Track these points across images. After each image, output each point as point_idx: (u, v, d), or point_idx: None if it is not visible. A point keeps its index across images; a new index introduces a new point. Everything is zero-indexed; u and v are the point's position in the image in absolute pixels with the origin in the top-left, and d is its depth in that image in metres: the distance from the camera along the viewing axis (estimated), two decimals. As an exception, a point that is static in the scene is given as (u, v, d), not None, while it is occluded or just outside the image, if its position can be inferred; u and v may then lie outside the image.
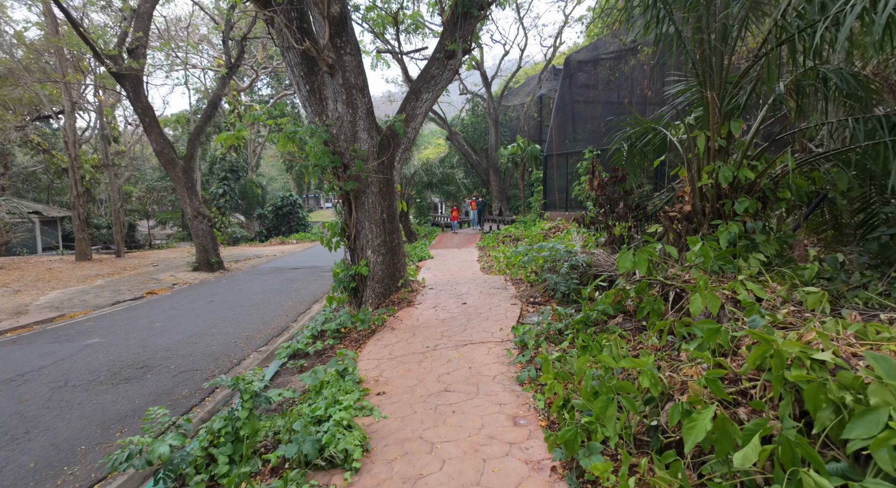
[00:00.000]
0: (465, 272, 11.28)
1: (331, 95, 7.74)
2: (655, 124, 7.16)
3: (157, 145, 15.67)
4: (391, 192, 8.31)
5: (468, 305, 7.36)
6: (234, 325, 8.73)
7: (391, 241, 8.27)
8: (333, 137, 7.87)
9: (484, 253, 15.14)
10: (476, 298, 7.76)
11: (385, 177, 8.17)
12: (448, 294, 8.40)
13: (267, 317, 9.34)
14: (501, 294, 7.83)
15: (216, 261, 16.57)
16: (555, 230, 13.69)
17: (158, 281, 14.97)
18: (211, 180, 28.58)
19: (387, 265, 8.21)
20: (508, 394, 4.23)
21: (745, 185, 5.04)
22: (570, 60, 21.02)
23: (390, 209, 8.28)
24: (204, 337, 7.98)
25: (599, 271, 6.77)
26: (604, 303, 4.99)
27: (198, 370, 6.35)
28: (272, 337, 8.02)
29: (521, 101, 29.25)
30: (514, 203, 28.58)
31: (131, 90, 14.88)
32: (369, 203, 8.09)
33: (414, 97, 8.30)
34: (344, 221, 8.29)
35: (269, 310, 10.06)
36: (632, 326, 4.98)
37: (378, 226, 8.14)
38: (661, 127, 7.10)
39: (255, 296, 11.63)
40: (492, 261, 12.67)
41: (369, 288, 8.16)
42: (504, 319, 6.39)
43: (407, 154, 8.46)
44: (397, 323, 7.01)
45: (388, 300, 8.19)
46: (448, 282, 9.78)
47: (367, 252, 8.18)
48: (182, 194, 16.31)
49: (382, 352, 5.81)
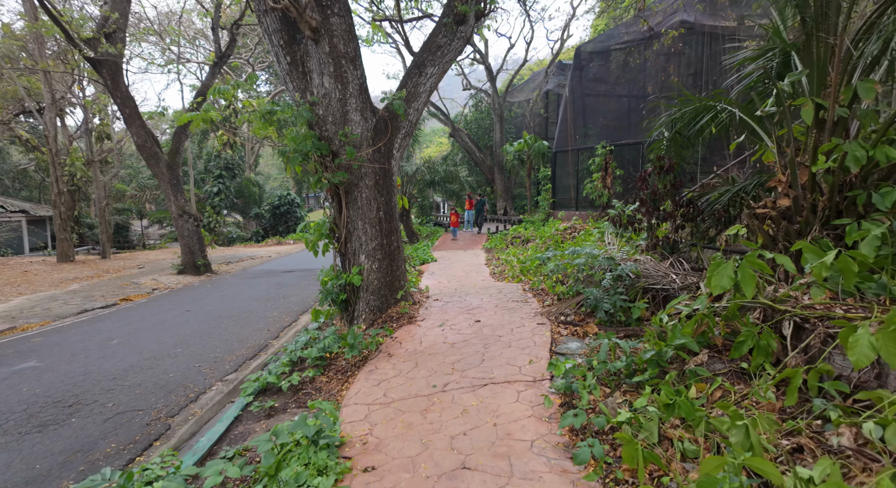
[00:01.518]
0: (474, 278, 9.78)
1: (316, 68, 6.25)
2: (713, 101, 5.67)
3: (139, 139, 14.19)
4: (389, 186, 6.82)
5: (483, 324, 5.86)
6: (205, 343, 7.25)
7: (389, 245, 6.79)
8: (319, 119, 6.38)
9: (492, 255, 13.64)
10: (492, 314, 6.27)
11: (382, 168, 6.69)
12: (457, 307, 6.91)
13: (245, 333, 7.85)
14: (522, 309, 6.33)
15: (203, 264, 15.09)
16: (571, 231, 12.20)
17: (138, 285, 13.50)
18: (206, 178, 27.11)
19: (384, 273, 6.73)
20: (560, 482, 2.74)
21: (882, 170, 3.54)
22: (581, 51, 19.53)
23: (388, 206, 6.80)
24: (164, 359, 6.51)
25: (650, 284, 5.28)
26: (683, 336, 3.49)
27: (141, 410, 4.86)
28: (246, 359, 6.54)
29: (526, 96, 27.73)
30: (520, 202, 27.06)
31: (109, 78, 13.40)
32: (363, 199, 6.60)
33: (416, 71, 6.80)
34: (333, 220, 6.80)
35: (249, 322, 8.58)
36: (725, 369, 3.48)
37: (373, 227, 6.65)
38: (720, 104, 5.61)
39: (238, 305, 10.15)
40: (502, 266, 11.17)
41: (363, 300, 6.67)
42: (531, 346, 4.89)
43: (408, 140, 6.97)
44: (395, 347, 5.52)
45: (385, 315, 6.70)
46: (455, 291, 8.28)
47: (360, 257, 6.69)
48: (166, 191, 14.84)
49: (375, 393, 4.32)
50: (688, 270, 5.57)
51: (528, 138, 22.05)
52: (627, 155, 18.72)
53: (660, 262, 5.80)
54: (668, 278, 5.33)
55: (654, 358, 3.49)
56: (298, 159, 5.76)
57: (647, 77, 18.46)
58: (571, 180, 21.09)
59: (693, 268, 5.68)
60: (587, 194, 17.84)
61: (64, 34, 12.29)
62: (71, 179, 26.62)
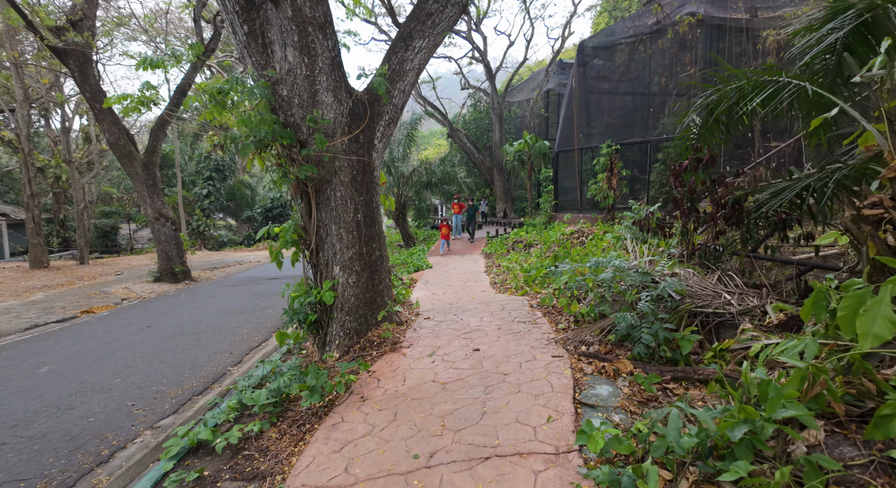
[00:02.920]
0: (473, 289, 8.52)
1: (277, 38, 5.01)
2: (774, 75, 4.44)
3: (111, 136, 12.95)
4: (369, 183, 5.57)
5: (483, 354, 4.60)
6: (152, 371, 5.98)
7: (370, 253, 5.53)
8: (283, 101, 5.14)
9: (492, 261, 12.38)
10: (494, 340, 5.00)
11: (360, 161, 5.44)
12: (451, 329, 5.64)
13: (203, 356, 6.59)
14: (531, 333, 5.06)
15: (181, 271, 13.81)
16: (578, 235, 10.95)
17: (107, 295, 12.22)
18: (197, 180, 25.84)
19: (363, 288, 5.47)
20: None
21: None
22: (584, 46, 18.33)
23: (368, 207, 5.54)
24: (94, 394, 5.24)
25: (699, 306, 4.03)
26: (788, 402, 2.24)
27: (24, 481, 3.59)
28: (194, 394, 5.27)
29: (526, 96, 26.54)
30: (520, 204, 25.83)
31: (77, 70, 12.15)
32: (337, 198, 5.35)
33: (402, 45, 5.56)
34: (301, 224, 5.55)
35: (213, 342, 7.31)
36: (858, 456, 2.22)
37: (350, 232, 5.40)
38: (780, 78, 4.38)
39: (207, 319, 8.88)
40: (504, 274, 9.92)
41: (336, 322, 5.40)
42: (548, 391, 3.64)
43: (392, 129, 5.72)
44: (372, 387, 4.26)
45: (364, 339, 5.44)
46: (451, 306, 7.02)
47: (333, 269, 5.43)
48: (142, 193, 13.58)
49: (334, 465, 3.06)
50: (741, 287, 4.32)
51: (529, 138, 20.85)
52: (632, 155, 17.53)
53: (704, 277, 4.55)
54: (720, 299, 4.08)
55: (746, 438, 2.23)
56: (251, 148, 4.50)
57: (654, 73, 17.29)
58: (575, 181, 19.87)
59: (746, 285, 4.43)
60: (592, 196, 16.62)
61: (22, 19, 11.04)
62: (56, 182, 25.38)
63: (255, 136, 4.47)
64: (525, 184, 24.60)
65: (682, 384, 3.49)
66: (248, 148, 4.46)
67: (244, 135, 4.52)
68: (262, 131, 4.43)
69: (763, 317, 3.77)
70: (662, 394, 3.43)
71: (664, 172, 16.73)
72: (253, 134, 4.44)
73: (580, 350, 4.33)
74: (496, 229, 19.41)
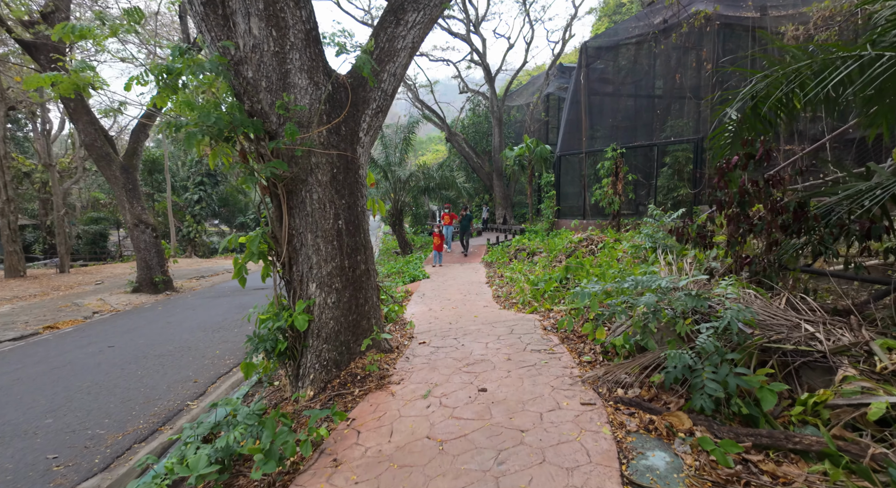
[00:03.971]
0: (474, 304, 7.54)
1: (240, 8, 4.06)
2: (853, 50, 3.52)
3: (87, 137, 11.96)
4: (353, 183, 4.60)
5: (492, 396, 3.61)
6: (95, 406, 4.96)
7: (353, 267, 4.55)
8: (248, 84, 4.18)
9: (493, 271, 11.41)
10: (503, 376, 4.01)
11: (342, 157, 4.48)
12: (451, 359, 4.64)
13: (162, 386, 5.58)
14: (549, 367, 4.07)
15: (162, 281, 12.78)
16: (587, 242, 9.99)
17: (78, 307, 11.19)
18: (188, 185, 24.83)
19: (344, 310, 4.48)
20: None
21: None
22: (587, 47, 17.50)
23: (352, 212, 4.57)
24: (12, 441, 4.21)
25: (771, 340, 3.06)
26: None
27: None
28: (136, 441, 4.25)
29: (525, 100, 25.70)
30: (520, 210, 24.91)
31: (48, 66, 11.18)
32: (313, 201, 4.38)
33: (393, 19, 4.61)
34: (272, 233, 4.57)
35: (178, 366, 6.30)
36: None
37: (329, 243, 4.42)
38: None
39: (179, 337, 7.86)
40: (508, 285, 8.94)
41: (312, 351, 4.41)
42: (584, 462, 2.65)
43: (381, 119, 4.76)
44: (349, 444, 3.26)
45: (346, 371, 4.44)
46: (450, 326, 6.03)
47: (308, 287, 4.45)
48: (120, 198, 12.58)
49: None
50: (820, 314, 3.35)
51: (530, 142, 19.98)
52: (635, 160, 16.65)
53: (769, 300, 3.58)
54: (800, 331, 3.11)
55: None
56: (197, 138, 3.52)
57: (659, 74, 16.46)
58: (577, 186, 18.96)
59: (825, 309, 3.46)
60: (596, 201, 15.71)
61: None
62: (43, 187, 24.34)
63: (204, 123, 3.49)
64: (525, 190, 23.69)
65: (770, 454, 2.52)
66: (194, 137, 3.48)
67: (192, 122, 3.55)
68: (211, 116, 3.46)
69: (868, 358, 2.80)
70: (744, 469, 2.45)
71: (672, 177, 15.86)
72: (202, 120, 3.47)
73: (615, 394, 3.35)
74: (497, 236, 18.46)
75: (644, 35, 16.27)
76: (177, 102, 3.49)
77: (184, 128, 3.48)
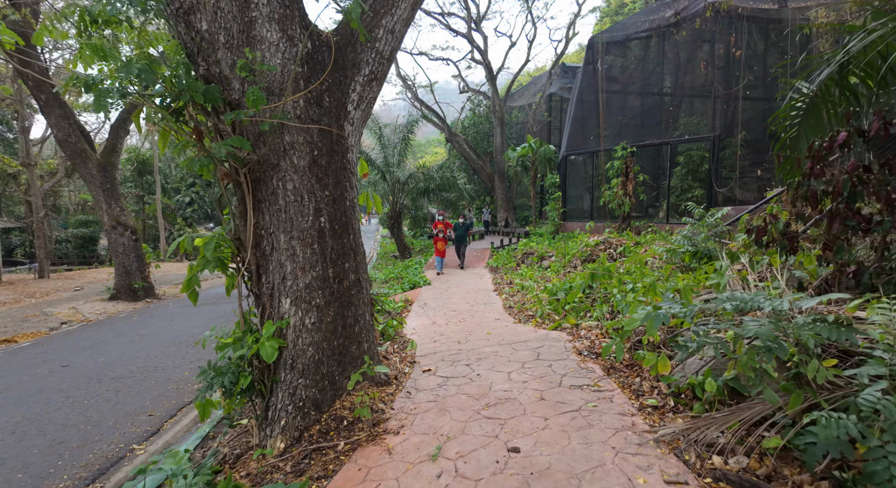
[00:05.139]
0: (484, 316, 6.47)
1: (190, -65, 3.02)
2: None
3: (60, 132, 10.88)
4: (340, 169, 3.54)
5: (529, 462, 2.54)
6: (11, 453, 3.86)
7: (339, 278, 3.49)
8: (203, 40, 3.14)
9: (500, 277, 10.35)
10: (539, 427, 2.94)
11: (325, 134, 3.42)
12: (465, 396, 3.57)
13: (109, 420, 4.49)
14: (600, 413, 3.01)
15: (142, 287, 11.67)
16: (605, 246, 8.94)
17: (47, 316, 10.07)
18: (180, 187, 23.73)
19: (328, 333, 3.42)
20: None
21: None
22: (595, 42, 16.54)
23: (338, 207, 3.51)
24: None
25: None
26: None
27: None
28: (50, 508, 3.18)
29: (527, 100, 24.75)
30: (522, 213, 23.90)
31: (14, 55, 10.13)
32: (287, 192, 3.32)
33: (390, -40, 3.59)
34: (234, 233, 3.51)
35: (135, 392, 5.21)
36: None
37: (307, 246, 3.36)
38: None
39: (146, 354, 6.77)
40: (519, 294, 7.88)
41: (284, 388, 3.33)
42: None
43: (376, 88, 3.71)
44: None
45: (330, 412, 3.37)
46: (459, 346, 4.96)
47: (281, 303, 3.38)
48: (97, 198, 11.50)
49: None
50: None
51: (534, 142, 18.98)
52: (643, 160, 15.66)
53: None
54: None
55: None
56: (112, 96, 2.44)
57: (670, 70, 15.52)
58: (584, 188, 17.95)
59: None
60: (605, 203, 14.71)
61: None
62: (30, 189, 23.18)
63: (125, 77, 2.43)
64: (528, 192, 22.68)
65: None
66: (105, 96, 2.40)
67: (110, 77, 2.49)
68: (132, 67, 2.40)
69: None
70: None
71: (686, 177, 14.87)
72: (121, 72, 2.41)
73: (711, 464, 2.29)
74: (500, 239, 17.42)
75: (655, 29, 15.31)
76: (81, 50, 2.43)
77: (94, 87, 2.41)
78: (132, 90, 2.61)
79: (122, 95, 2.43)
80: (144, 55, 2.71)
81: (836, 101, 3.92)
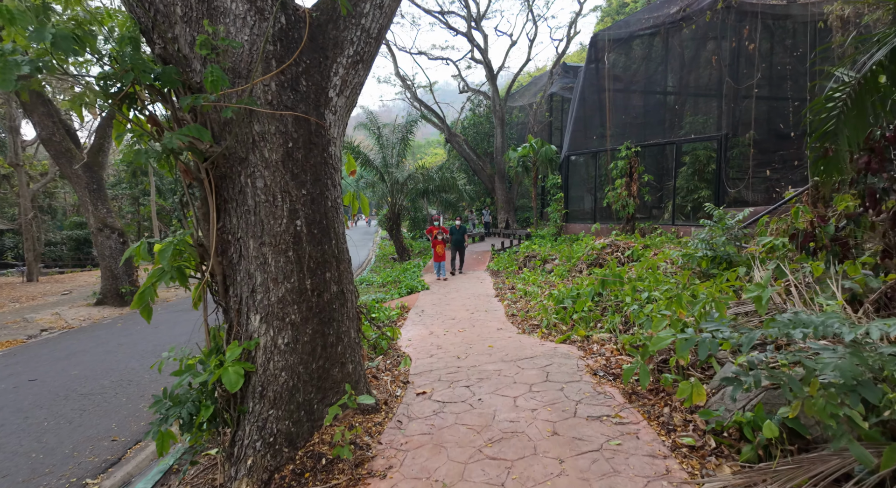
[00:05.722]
0: (486, 326, 5.98)
1: None
2: None
3: (44, 130, 10.40)
4: (320, 164, 3.05)
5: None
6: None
7: (318, 291, 2.99)
8: (158, 13, 2.66)
9: (501, 280, 9.85)
10: (554, 474, 2.43)
11: (301, 124, 2.93)
12: (465, 430, 3.06)
13: (67, 446, 3.98)
14: (626, 454, 2.52)
15: (130, 292, 11.16)
16: (612, 249, 8.44)
17: (27, 323, 9.57)
18: (177, 189, 23.25)
19: (304, 355, 2.92)
20: None
21: None
22: (598, 39, 16.07)
23: (317, 208, 3.02)
24: None
25: None
26: None
27: None
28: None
29: (528, 100, 24.26)
30: (522, 214, 23.39)
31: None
32: (257, 191, 2.83)
33: (378, -78, 3.10)
34: (197, 239, 3.02)
35: (102, 411, 4.70)
36: None
37: (281, 253, 2.87)
38: None
39: (123, 366, 6.28)
40: (522, 300, 7.38)
41: (253, 420, 2.83)
42: None
43: (362, 73, 3.22)
44: None
45: (305, 449, 2.87)
46: (458, 362, 4.45)
47: (250, 320, 2.88)
48: (83, 199, 11.01)
49: None
50: None
51: (535, 142, 18.48)
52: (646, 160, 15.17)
53: None
54: None
55: None
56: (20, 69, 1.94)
57: (674, 68, 15.05)
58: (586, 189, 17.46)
59: None
60: (608, 204, 14.20)
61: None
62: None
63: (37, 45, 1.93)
64: (528, 193, 22.18)
65: None
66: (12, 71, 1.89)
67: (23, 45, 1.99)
68: (45, 33, 1.90)
69: None
70: None
71: (692, 177, 14.38)
72: (32, 39, 1.91)
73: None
74: (501, 241, 16.91)
75: (660, 26, 14.83)
76: None
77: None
78: (57, 66, 2.11)
79: (36, 70, 1.93)
80: (77, 24, 2.21)
81: (887, 89, 3.45)
